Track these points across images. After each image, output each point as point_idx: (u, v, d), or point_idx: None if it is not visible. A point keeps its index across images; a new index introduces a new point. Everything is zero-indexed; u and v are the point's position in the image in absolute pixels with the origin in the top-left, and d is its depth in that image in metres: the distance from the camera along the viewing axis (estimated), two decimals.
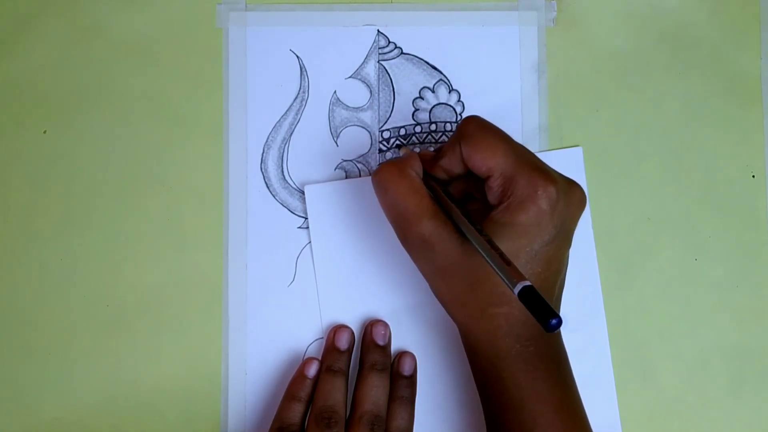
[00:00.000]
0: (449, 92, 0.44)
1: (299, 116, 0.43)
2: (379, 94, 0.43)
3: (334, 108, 0.43)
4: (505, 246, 0.33)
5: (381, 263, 0.42)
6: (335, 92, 0.43)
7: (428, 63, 0.44)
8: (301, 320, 0.42)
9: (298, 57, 0.43)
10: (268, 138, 0.43)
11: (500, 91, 0.44)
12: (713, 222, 0.44)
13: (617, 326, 0.43)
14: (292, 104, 0.43)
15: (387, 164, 0.36)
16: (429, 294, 0.42)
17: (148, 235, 0.42)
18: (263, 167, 0.43)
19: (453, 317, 0.37)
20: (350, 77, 0.43)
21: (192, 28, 0.43)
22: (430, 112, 0.43)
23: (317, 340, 0.42)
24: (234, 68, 0.43)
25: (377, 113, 0.43)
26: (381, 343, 0.41)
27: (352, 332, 0.42)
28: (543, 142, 0.43)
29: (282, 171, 0.43)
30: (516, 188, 0.34)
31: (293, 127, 0.43)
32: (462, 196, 0.39)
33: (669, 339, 0.43)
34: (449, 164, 0.36)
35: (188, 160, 0.43)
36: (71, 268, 0.42)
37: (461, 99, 0.44)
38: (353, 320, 0.42)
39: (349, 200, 0.42)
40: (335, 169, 0.43)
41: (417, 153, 0.38)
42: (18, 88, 0.42)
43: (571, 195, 0.35)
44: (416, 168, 0.36)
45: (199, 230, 0.42)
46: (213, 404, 0.42)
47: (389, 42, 0.44)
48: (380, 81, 0.43)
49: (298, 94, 0.43)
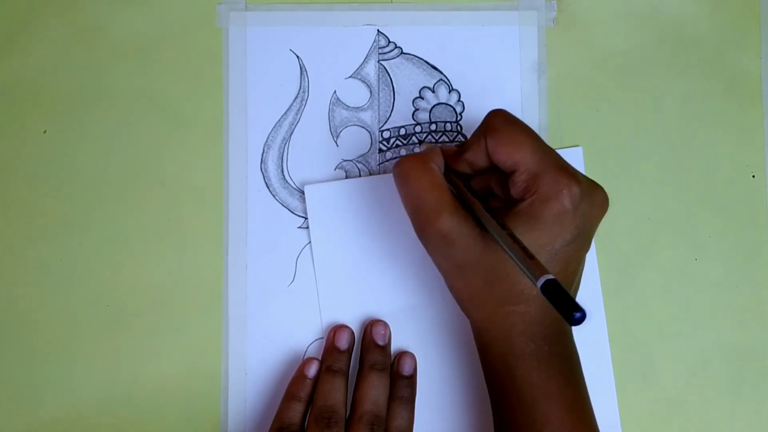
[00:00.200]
0: (449, 92, 0.44)
1: (299, 116, 0.43)
2: (379, 94, 0.43)
3: (334, 108, 0.43)
4: (526, 242, 0.32)
5: (381, 263, 0.42)
6: (335, 92, 0.43)
7: (428, 63, 0.44)
8: (301, 320, 0.42)
9: (298, 57, 0.43)
10: (268, 138, 0.43)
11: (500, 91, 0.44)
12: (713, 222, 0.44)
13: (617, 326, 0.43)
14: (292, 104, 0.43)
15: (409, 157, 0.36)
16: (429, 294, 0.42)
17: (148, 235, 0.42)
18: (263, 167, 0.43)
19: (468, 314, 0.37)
20: (350, 77, 0.43)
21: (192, 28, 0.43)
22: (430, 112, 0.43)
23: (317, 340, 0.42)
24: (234, 68, 0.43)
25: (377, 113, 0.43)
26: (381, 343, 0.41)
27: (352, 332, 0.42)
28: None
29: (282, 171, 0.43)
30: (541, 185, 0.34)
31: (293, 127, 0.43)
32: (482, 192, 0.39)
33: (669, 339, 0.43)
34: (473, 157, 0.36)
35: (188, 160, 0.43)
36: (71, 268, 0.42)
37: (461, 99, 0.44)
38: (353, 320, 0.42)
39: (349, 200, 0.42)
40: (335, 169, 0.43)
41: (439, 147, 0.37)
42: (18, 88, 0.42)
43: (595, 197, 0.35)
44: (438, 162, 0.36)
45: (199, 230, 0.42)
46: (213, 404, 0.42)
47: (389, 42, 0.44)
48: (380, 81, 0.43)
49: (298, 94, 0.43)
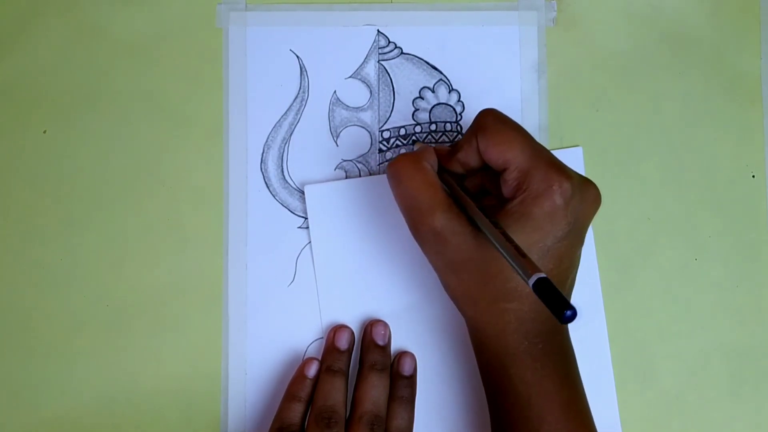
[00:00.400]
0: (449, 92, 0.44)
1: (299, 116, 0.43)
2: (379, 94, 0.43)
3: (334, 108, 0.43)
4: (519, 240, 0.33)
5: (381, 263, 0.42)
6: (335, 92, 0.43)
7: (428, 63, 0.44)
8: (301, 320, 0.42)
9: (298, 57, 0.43)
10: (268, 138, 0.43)
11: (500, 91, 0.44)
12: (713, 222, 0.44)
13: (617, 326, 0.43)
14: (292, 104, 0.43)
15: (403, 156, 0.36)
16: (429, 294, 0.42)
17: (148, 235, 0.42)
18: (263, 167, 0.43)
19: (462, 312, 0.37)
20: (350, 77, 0.43)
21: (192, 28, 0.43)
22: (430, 112, 0.43)
23: (317, 340, 0.42)
24: (234, 68, 0.43)
25: (377, 113, 0.43)
26: (381, 343, 0.41)
27: (352, 332, 0.42)
28: (543, 142, 0.43)
29: (282, 171, 0.43)
30: (531, 182, 0.34)
31: (293, 127, 0.43)
32: (476, 191, 0.39)
33: (669, 339, 0.43)
34: (465, 157, 0.36)
35: (188, 160, 0.43)
36: (71, 268, 0.42)
37: (461, 99, 0.44)
38: (353, 320, 0.42)
39: (349, 200, 0.42)
40: (335, 169, 0.43)
41: (432, 147, 0.38)
42: (18, 88, 0.42)
43: (586, 192, 0.35)
44: (431, 161, 0.36)
45: (199, 230, 0.42)
46: (213, 404, 0.42)
47: (389, 42, 0.44)
48: (380, 81, 0.43)
49: (298, 94, 0.43)
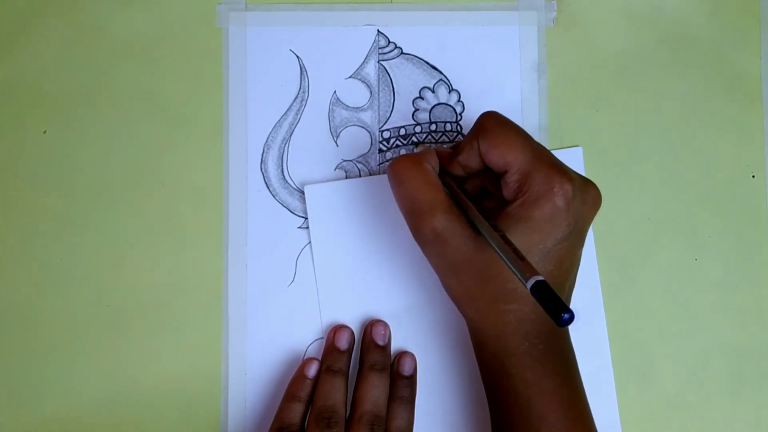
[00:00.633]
0: (449, 92, 0.44)
1: (299, 116, 0.43)
2: (379, 94, 0.43)
3: (334, 108, 0.43)
4: (519, 242, 0.33)
5: (381, 263, 0.42)
6: (335, 92, 0.43)
7: (428, 63, 0.44)
8: (301, 320, 0.42)
9: (298, 57, 0.43)
10: (268, 138, 0.43)
11: (500, 91, 0.44)
12: (713, 222, 0.44)
13: (617, 326, 0.43)
14: (292, 104, 0.43)
15: (404, 157, 0.36)
16: (429, 294, 0.42)
17: (148, 235, 0.42)
18: (263, 167, 0.43)
19: (462, 313, 0.37)
20: (350, 77, 0.43)
21: (192, 28, 0.43)
22: (430, 112, 0.43)
23: (317, 340, 0.42)
24: (234, 68, 0.43)
25: (377, 113, 0.43)
26: (381, 343, 0.41)
27: (352, 332, 0.42)
28: (543, 142, 0.43)
29: (282, 171, 0.43)
30: (532, 184, 0.34)
31: (293, 127, 0.43)
32: (477, 193, 0.39)
33: (669, 339, 0.43)
34: (466, 159, 0.36)
35: (188, 160, 0.43)
36: (71, 268, 0.42)
37: (461, 99, 0.44)
38: (353, 320, 0.42)
39: (349, 200, 0.42)
40: (335, 169, 0.43)
41: (434, 149, 0.38)
42: (18, 88, 0.42)
43: (587, 194, 0.35)
44: (432, 163, 0.36)
45: (199, 230, 0.42)
46: (213, 404, 0.42)
47: (389, 42, 0.44)
48: (380, 81, 0.43)
49: (298, 94, 0.43)
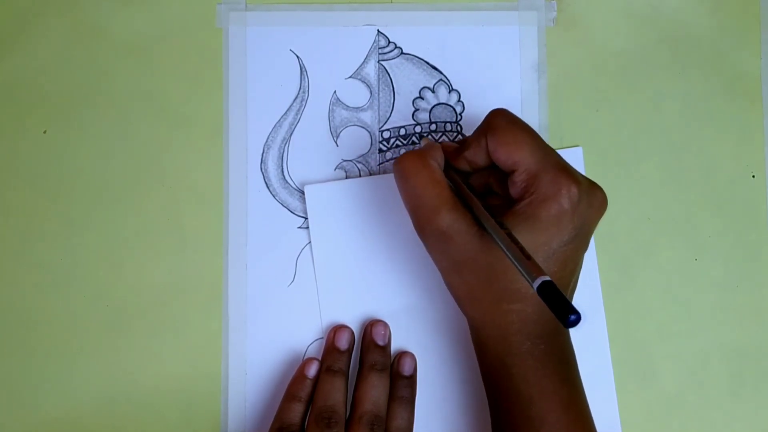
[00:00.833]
0: (449, 92, 0.44)
1: (299, 116, 0.43)
2: (379, 94, 0.43)
3: (334, 108, 0.43)
4: (524, 242, 0.33)
5: (381, 263, 0.42)
6: (335, 92, 0.43)
7: (428, 63, 0.44)
8: (301, 320, 0.42)
9: (298, 57, 0.43)
10: (268, 138, 0.43)
11: (500, 91, 0.44)
12: (713, 222, 0.44)
13: (617, 326, 0.43)
14: (292, 104, 0.43)
15: (409, 153, 0.36)
16: (429, 294, 0.42)
17: (148, 235, 0.42)
18: (263, 167, 0.43)
19: (465, 311, 0.37)
20: (350, 77, 0.43)
21: (192, 28, 0.43)
22: (430, 112, 0.43)
23: (317, 340, 0.42)
24: (234, 68, 0.43)
25: (377, 113, 0.43)
26: (381, 343, 0.41)
27: (352, 332, 0.42)
28: None
29: (282, 171, 0.43)
30: (540, 185, 0.34)
31: (293, 127, 0.43)
32: (482, 190, 0.39)
33: (669, 339, 0.43)
34: (473, 156, 0.36)
35: (188, 160, 0.43)
36: (71, 268, 0.42)
37: (461, 99, 0.44)
38: (353, 320, 0.42)
39: (349, 200, 0.42)
40: (335, 169, 0.43)
41: (439, 144, 0.38)
42: (18, 88, 0.42)
43: (593, 197, 0.35)
44: (438, 159, 0.36)
45: (199, 230, 0.42)
46: (213, 404, 0.42)
47: (389, 42, 0.44)
48: (380, 81, 0.43)
49: (298, 94, 0.43)
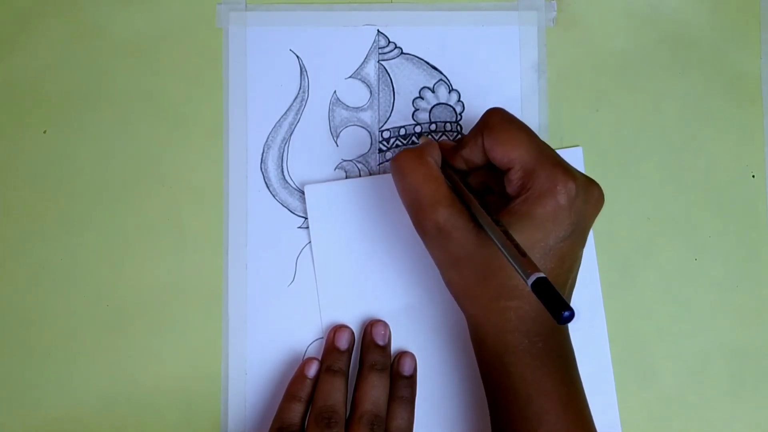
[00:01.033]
0: (449, 92, 0.44)
1: (299, 116, 0.43)
2: (379, 94, 0.43)
3: (334, 108, 0.43)
4: (521, 239, 0.33)
5: (381, 263, 0.42)
6: (335, 92, 0.43)
7: (428, 63, 0.44)
8: (301, 320, 0.42)
9: (298, 57, 0.43)
10: (268, 138, 0.43)
11: (500, 91, 0.44)
12: (713, 222, 0.44)
13: (617, 326, 0.43)
14: (292, 104, 0.43)
15: (406, 151, 0.36)
16: (429, 294, 0.42)
17: (148, 235, 0.42)
18: (263, 167, 0.43)
19: (463, 309, 0.37)
20: (350, 77, 0.43)
21: (192, 28, 0.43)
22: (430, 112, 0.43)
23: (317, 340, 0.42)
24: (234, 68, 0.43)
25: (377, 113, 0.43)
26: (381, 343, 0.41)
27: (352, 332, 0.42)
28: None
29: (282, 171, 0.43)
30: (536, 182, 0.34)
31: (293, 127, 0.43)
32: (479, 188, 0.39)
33: (669, 339, 0.43)
34: (470, 154, 0.36)
35: (188, 160, 0.43)
36: (71, 268, 0.42)
37: (461, 99, 0.44)
38: (353, 320, 0.42)
39: (349, 200, 0.42)
40: (335, 169, 0.43)
41: (437, 142, 0.38)
42: (18, 88, 0.42)
43: (590, 193, 0.35)
44: (435, 156, 0.37)
45: (199, 230, 0.42)
46: (213, 404, 0.42)
47: (389, 42, 0.44)
48: (380, 81, 0.43)
49: (298, 94, 0.43)
